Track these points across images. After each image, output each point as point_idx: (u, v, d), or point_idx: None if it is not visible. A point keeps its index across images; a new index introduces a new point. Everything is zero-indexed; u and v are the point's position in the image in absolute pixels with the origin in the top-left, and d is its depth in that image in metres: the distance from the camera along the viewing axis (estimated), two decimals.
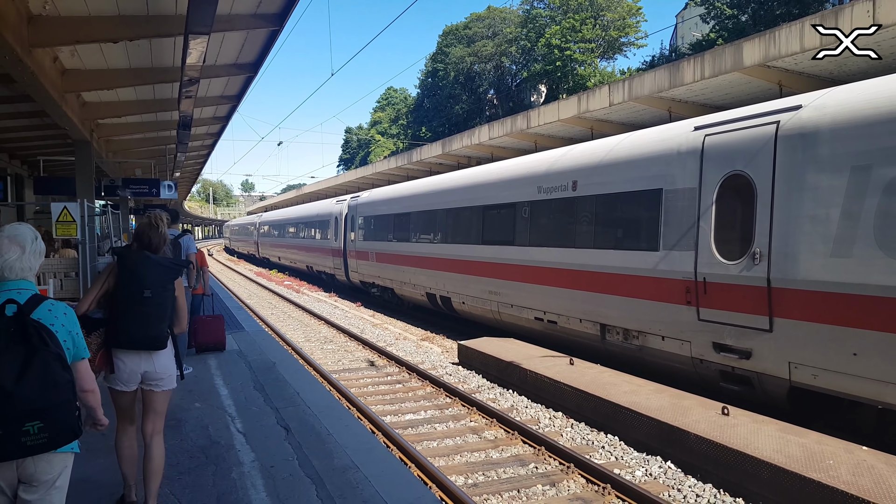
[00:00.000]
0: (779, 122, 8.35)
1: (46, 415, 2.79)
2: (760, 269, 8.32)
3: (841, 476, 5.98)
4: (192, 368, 9.64)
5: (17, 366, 2.74)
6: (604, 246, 11.36)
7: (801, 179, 7.93)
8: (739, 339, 8.70)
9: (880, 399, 7.20)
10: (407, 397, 11.16)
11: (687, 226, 9.52)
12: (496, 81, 68.49)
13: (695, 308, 9.33)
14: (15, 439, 2.73)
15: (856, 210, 7.29)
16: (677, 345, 9.79)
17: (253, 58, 12.91)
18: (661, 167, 10.16)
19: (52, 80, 10.87)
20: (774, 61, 12.52)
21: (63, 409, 2.87)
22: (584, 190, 11.87)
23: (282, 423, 6.88)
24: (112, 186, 20.45)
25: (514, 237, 14.01)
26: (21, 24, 8.67)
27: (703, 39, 41.62)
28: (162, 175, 26.00)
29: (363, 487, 5.16)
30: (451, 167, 27.52)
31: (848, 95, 7.90)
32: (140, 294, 4.51)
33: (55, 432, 2.84)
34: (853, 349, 7.28)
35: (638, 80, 16.10)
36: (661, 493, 6.93)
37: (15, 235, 3.09)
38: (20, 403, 2.71)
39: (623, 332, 10.98)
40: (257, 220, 57.40)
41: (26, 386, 2.73)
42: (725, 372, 9.10)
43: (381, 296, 23.39)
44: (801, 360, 7.92)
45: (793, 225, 7.98)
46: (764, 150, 8.43)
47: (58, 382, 2.84)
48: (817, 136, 7.81)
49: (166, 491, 5.14)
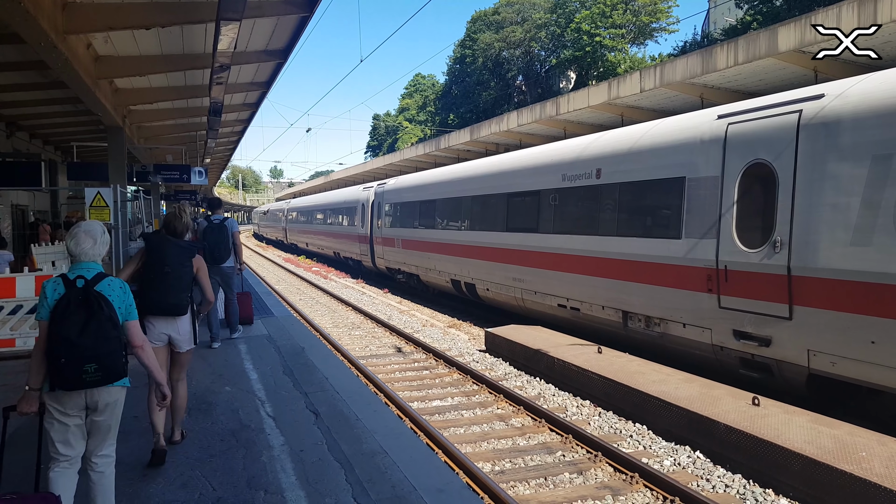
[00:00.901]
0: (801, 110, 8.35)
1: (100, 360, 3.85)
2: (781, 258, 8.36)
3: (874, 469, 5.89)
4: (220, 343, 10.11)
5: (80, 324, 3.83)
6: (627, 233, 11.40)
7: (823, 168, 7.94)
8: (759, 326, 8.74)
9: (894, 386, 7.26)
10: (434, 384, 11.20)
11: (709, 214, 9.56)
12: (525, 68, 68.04)
13: (716, 296, 9.39)
14: (78, 376, 3.81)
15: (876, 199, 7.32)
16: (698, 332, 9.84)
17: (283, 44, 12.95)
18: (684, 155, 10.19)
19: (85, 66, 11.00)
20: (810, 47, 12.26)
21: (112, 356, 3.93)
22: (608, 178, 11.90)
23: (311, 408, 6.94)
24: (144, 172, 20.68)
25: (539, 225, 14.08)
26: (56, 10, 8.77)
27: (737, 23, 40.89)
28: (192, 161, 26.26)
29: (391, 472, 5.19)
30: (479, 154, 27.40)
31: (869, 85, 7.85)
32: (162, 270, 5.56)
33: (107, 372, 3.90)
34: (872, 337, 7.31)
35: (670, 65, 15.87)
36: (690, 482, 6.88)
37: (89, 230, 4.16)
38: (81, 350, 3.79)
39: (645, 319, 11.06)
40: (285, 207, 57.74)
41: (86, 338, 3.82)
42: (745, 359, 9.15)
43: (406, 282, 23.54)
44: (819, 348, 7.97)
45: (813, 213, 8.01)
46: (786, 138, 8.44)
47: (108, 337, 3.92)
48: (839, 126, 7.82)
49: (198, 473, 5.23)
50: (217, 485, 5.03)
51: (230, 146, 31.77)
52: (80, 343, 3.80)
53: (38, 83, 14.00)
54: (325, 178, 63.63)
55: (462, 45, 73.65)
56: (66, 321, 3.82)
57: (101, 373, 3.87)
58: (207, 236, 10.37)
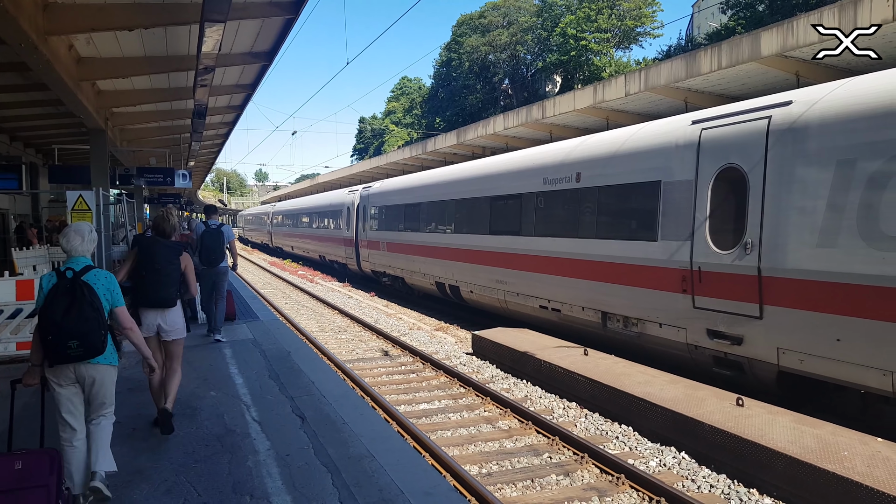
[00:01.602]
0: (770, 116, 8.62)
1: (81, 337, 4.47)
2: (752, 259, 8.61)
3: (856, 467, 5.94)
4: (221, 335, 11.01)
5: (64, 307, 4.47)
6: (605, 236, 11.62)
7: (791, 172, 8.23)
8: (731, 325, 9.00)
9: (861, 383, 7.50)
10: (421, 387, 11.18)
11: (684, 217, 9.80)
12: (511, 71, 68.22)
13: (690, 296, 9.64)
14: (63, 351, 4.46)
15: (840, 202, 7.59)
16: (674, 331, 10.09)
17: (268, 46, 12.91)
18: (660, 160, 10.44)
19: (67, 68, 10.91)
20: (792, 51, 12.38)
21: (91, 334, 4.51)
22: (588, 181, 12.15)
23: (297, 412, 6.90)
24: (127, 175, 20.53)
25: (521, 227, 14.28)
26: (37, 11, 8.70)
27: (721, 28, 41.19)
28: (176, 164, 26.12)
29: (379, 476, 5.17)
30: (466, 157, 27.44)
31: (836, 92, 8.10)
32: (153, 267, 6.24)
33: (87, 348, 4.51)
34: (837, 335, 7.60)
35: (654, 69, 15.97)
36: (675, 483, 6.91)
37: (78, 229, 4.86)
38: (64, 329, 4.43)
39: (623, 320, 11.29)
40: (270, 210, 57.54)
41: (68, 319, 4.45)
42: (718, 357, 9.39)
43: (391, 285, 23.64)
44: (788, 346, 8.24)
45: (782, 216, 8.28)
46: (756, 143, 8.70)
47: (88, 318, 4.51)
48: (806, 131, 8.10)
49: (182, 479, 5.18)
50: (202, 490, 4.98)
51: (215, 149, 31.63)
52: (63, 323, 4.44)
53: (18, 85, 13.87)
54: (310, 181, 63.43)
55: (448, 49, 73.78)
56: (53, 306, 4.48)
57: (83, 348, 4.50)
58: (205, 240, 10.69)
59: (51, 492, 3.92)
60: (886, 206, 7.16)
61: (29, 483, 3.89)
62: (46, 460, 4.05)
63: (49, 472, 3.99)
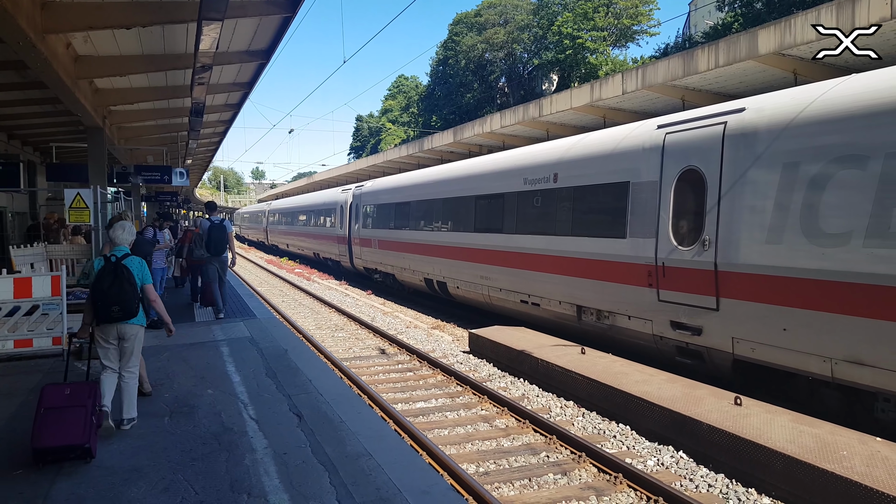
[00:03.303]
0: (726, 122, 9.23)
1: (120, 303, 6.18)
2: (709, 255, 9.24)
3: (855, 467, 5.95)
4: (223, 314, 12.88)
5: (109, 282, 6.18)
6: (580, 234, 12.22)
7: (743, 174, 8.84)
8: (692, 317, 9.60)
9: (805, 369, 8.07)
10: (418, 385, 11.18)
11: (650, 215, 10.42)
12: (507, 69, 68.13)
13: (655, 290, 10.24)
14: (109, 313, 6.18)
15: (786, 202, 8.21)
16: (641, 323, 10.69)
17: (265, 44, 12.89)
18: (629, 162, 11.04)
19: (65, 66, 10.89)
20: (790, 49, 12.39)
21: (129, 302, 6.23)
22: (564, 182, 12.79)
23: (294, 410, 6.90)
24: (124, 173, 20.48)
25: (503, 225, 14.89)
26: (35, 9, 8.68)
27: (719, 24, 41.15)
28: (174, 162, 26.07)
29: (376, 475, 5.17)
30: (463, 155, 27.44)
31: (783, 100, 8.76)
32: None
33: (125, 312, 6.23)
34: (783, 325, 8.22)
35: (651, 68, 15.97)
36: (673, 482, 6.92)
37: (122, 225, 6.78)
38: (109, 297, 6.15)
39: (596, 313, 11.89)
40: (266, 209, 57.81)
41: (112, 290, 6.16)
42: (681, 347, 9.99)
43: (383, 281, 24.17)
44: (741, 336, 8.85)
45: (735, 215, 8.88)
46: (713, 147, 9.32)
47: (125, 290, 6.21)
48: (756, 136, 8.72)
49: (180, 477, 5.17)
50: (199, 488, 4.98)
51: (212, 147, 31.59)
52: (108, 293, 6.16)
53: (16, 83, 13.83)
54: (307, 179, 63.41)
55: (445, 47, 73.60)
56: (101, 281, 6.22)
57: (122, 312, 6.21)
58: (212, 233, 12.58)
59: (88, 410, 5.58)
60: (825, 206, 7.76)
61: (73, 403, 5.59)
62: (87, 389, 5.77)
63: (87, 396, 5.68)
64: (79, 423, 5.46)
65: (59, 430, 5.40)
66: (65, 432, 5.40)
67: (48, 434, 5.37)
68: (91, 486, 5.03)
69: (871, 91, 7.61)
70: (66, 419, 5.46)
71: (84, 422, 5.49)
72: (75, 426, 5.44)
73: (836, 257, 7.57)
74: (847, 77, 8.40)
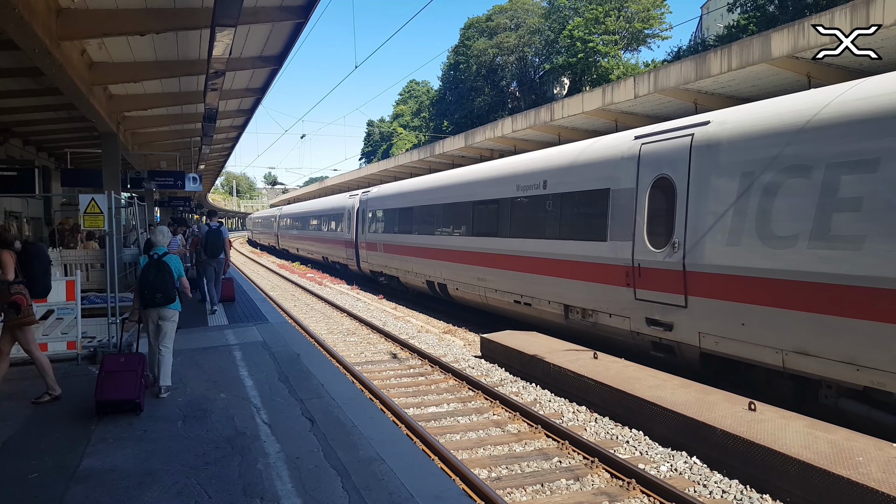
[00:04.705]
0: (693, 134, 9.93)
1: (163, 291, 7.62)
2: (678, 256, 9.93)
3: (871, 473, 5.88)
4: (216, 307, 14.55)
5: (153, 274, 7.62)
6: (567, 237, 12.96)
7: (707, 182, 9.56)
8: (664, 314, 10.30)
9: (761, 360, 8.71)
10: (430, 390, 11.16)
11: (627, 220, 11.11)
12: (518, 74, 68.17)
13: (632, 289, 10.92)
14: (154, 299, 7.64)
15: (743, 208, 8.91)
16: (620, 320, 11.38)
17: (278, 50, 12.95)
18: (609, 170, 11.75)
19: (79, 72, 10.98)
20: (803, 52, 12.32)
21: (168, 290, 7.66)
22: (553, 188, 13.53)
23: (307, 415, 6.91)
24: (138, 178, 20.64)
25: (498, 230, 15.70)
26: (50, 16, 8.76)
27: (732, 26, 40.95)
28: (187, 167, 26.20)
29: (388, 480, 5.17)
30: (474, 160, 27.44)
31: (742, 113, 9.55)
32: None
33: (165, 298, 7.67)
34: (742, 320, 8.89)
35: (664, 71, 15.93)
36: (687, 488, 6.87)
37: (160, 230, 8.32)
38: (153, 287, 7.60)
39: (581, 311, 12.55)
40: (277, 214, 58.66)
41: (156, 281, 7.60)
42: (655, 342, 10.67)
43: (388, 284, 24.90)
44: (706, 330, 9.53)
45: (701, 219, 9.57)
46: (682, 157, 10.02)
47: (165, 281, 7.64)
48: (718, 147, 9.45)
49: (193, 481, 5.19)
50: (213, 492, 5.00)
51: (224, 152, 31.75)
52: (153, 283, 7.62)
53: (31, 90, 13.97)
54: (319, 184, 63.74)
55: (456, 52, 73.79)
56: (146, 274, 7.68)
57: (163, 298, 7.69)
58: (209, 237, 14.07)
59: (138, 375, 7.09)
60: (776, 211, 8.46)
61: (126, 368, 7.11)
62: (137, 358, 7.31)
63: (137, 364, 7.20)
64: (132, 383, 7.02)
65: (116, 388, 6.97)
66: (121, 389, 6.97)
67: (109, 390, 6.94)
68: (105, 491, 5.06)
69: (815, 107, 8.34)
70: (121, 380, 7.02)
71: (135, 383, 7.03)
72: (129, 385, 7.01)
73: (785, 258, 8.26)
74: (800, 93, 9.29)
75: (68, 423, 6.78)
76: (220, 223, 14.17)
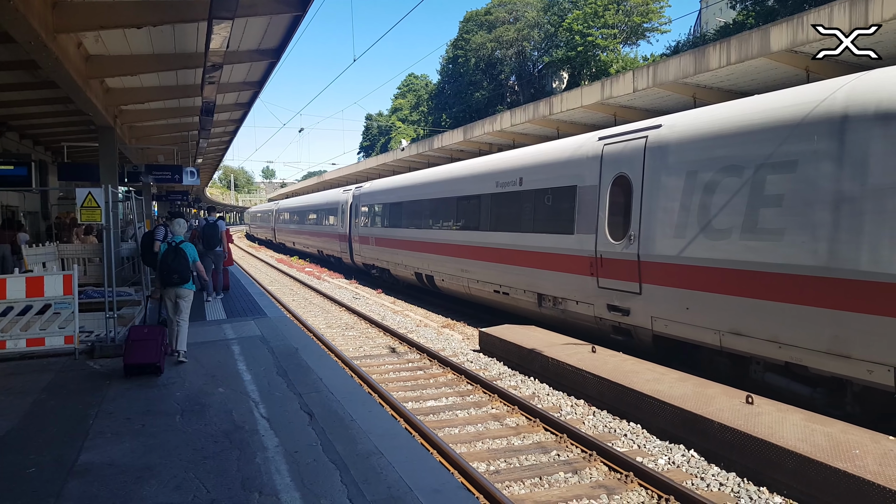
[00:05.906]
0: (647, 136, 10.85)
1: (179, 273, 9.16)
2: (633, 248, 10.84)
3: (868, 466, 5.90)
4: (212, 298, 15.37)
5: (172, 258, 9.15)
6: (540, 230, 13.88)
7: (658, 180, 10.45)
8: (623, 300, 11.22)
9: (702, 341, 9.60)
10: (428, 384, 11.18)
11: (591, 214, 12.01)
12: (517, 67, 67.98)
13: (596, 278, 11.84)
14: (171, 279, 9.20)
15: (687, 203, 9.80)
16: (585, 307, 12.35)
17: (275, 43, 12.90)
18: (576, 168, 12.71)
19: (76, 65, 10.93)
20: (802, 47, 12.29)
21: (184, 272, 9.20)
22: (528, 185, 14.50)
23: (305, 409, 6.91)
24: (135, 172, 20.57)
25: (479, 223, 16.72)
26: (46, 9, 8.71)
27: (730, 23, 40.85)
28: (184, 161, 26.16)
29: (387, 473, 5.17)
30: (473, 154, 27.42)
31: (688, 118, 10.47)
32: None
33: (181, 279, 9.21)
34: (686, 305, 9.81)
35: (662, 65, 15.90)
36: (684, 481, 6.89)
37: (179, 222, 10.16)
38: (172, 269, 9.14)
39: (552, 300, 13.50)
40: (274, 208, 59.19)
41: (174, 264, 9.13)
42: (615, 326, 11.58)
43: (380, 276, 25.84)
44: (657, 314, 10.45)
45: (653, 214, 10.48)
46: (637, 157, 10.94)
47: (182, 264, 9.16)
48: (668, 149, 10.35)
49: (191, 475, 5.19)
50: (211, 486, 5.00)
51: (222, 146, 31.69)
52: (171, 265, 9.04)
53: (28, 83, 13.91)
54: (317, 178, 63.71)
55: (455, 45, 73.52)
56: (166, 258, 9.07)
57: (180, 279, 9.11)
58: (206, 230, 14.99)
59: (159, 343, 8.50)
60: (714, 206, 9.34)
61: (149, 337, 8.52)
62: (158, 330, 8.75)
63: (159, 334, 8.62)
64: (154, 348, 8.43)
65: (141, 353, 8.39)
66: (145, 354, 8.38)
67: (135, 355, 8.37)
68: (103, 485, 5.05)
69: (748, 113, 9.24)
70: (145, 346, 8.44)
71: (157, 349, 8.44)
72: (152, 350, 8.41)
73: (721, 248, 9.18)
74: (739, 100, 10.14)
75: (66, 418, 6.77)
76: (221, 218, 15.28)
